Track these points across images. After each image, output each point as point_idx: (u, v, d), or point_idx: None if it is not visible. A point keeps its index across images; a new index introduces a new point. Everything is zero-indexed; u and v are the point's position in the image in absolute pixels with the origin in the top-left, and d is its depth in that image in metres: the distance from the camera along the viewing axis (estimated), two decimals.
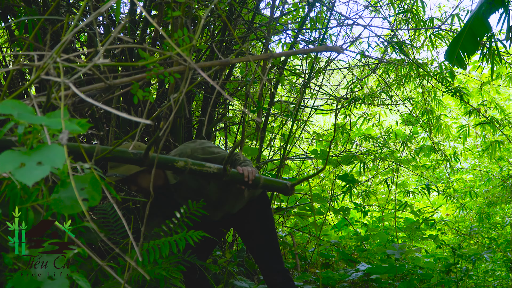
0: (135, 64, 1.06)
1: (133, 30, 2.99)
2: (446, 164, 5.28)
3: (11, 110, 0.80)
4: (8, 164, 0.76)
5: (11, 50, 3.29)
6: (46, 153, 0.79)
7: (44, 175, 0.75)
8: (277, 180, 2.27)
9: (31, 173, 0.76)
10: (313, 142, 5.29)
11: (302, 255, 4.03)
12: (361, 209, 4.35)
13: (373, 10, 4.31)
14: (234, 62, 1.08)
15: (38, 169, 0.76)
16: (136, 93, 1.17)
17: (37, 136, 0.83)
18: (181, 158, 1.83)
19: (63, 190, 0.89)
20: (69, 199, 0.89)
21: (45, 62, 0.83)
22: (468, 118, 4.99)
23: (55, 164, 0.77)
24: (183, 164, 1.80)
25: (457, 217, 6.95)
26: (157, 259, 1.61)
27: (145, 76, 1.12)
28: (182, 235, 1.71)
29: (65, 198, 0.89)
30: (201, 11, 3.54)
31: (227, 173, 1.90)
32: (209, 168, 1.88)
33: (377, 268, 2.96)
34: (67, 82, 0.79)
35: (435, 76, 4.25)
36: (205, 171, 1.87)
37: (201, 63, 1.16)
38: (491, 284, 3.87)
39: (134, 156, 1.65)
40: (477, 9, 2.53)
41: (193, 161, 1.85)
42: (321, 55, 4.11)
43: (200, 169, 1.86)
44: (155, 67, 1.10)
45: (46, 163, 0.77)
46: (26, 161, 0.77)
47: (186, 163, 1.81)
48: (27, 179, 0.75)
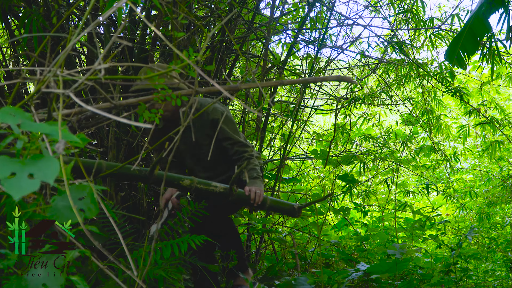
0: (138, 77, 1.07)
1: (133, 30, 2.99)
2: (446, 164, 5.28)
3: (10, 118, 0.77)
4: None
5: (11, 50, 3.29)
6: (40, 165, 0.76)
7: (33, 189, 0.72)
8: (284, 201, 2.27)
9: (20, 185, 0.71)
10: (313, 142, 5.29)
11: (302, 255, 4.02)
12: (361, 209, 4.35)
13: (373, 10, 4.30)
14: (243, 88, 1.08)
15: (28, 182, 0.72)
16: (142, 114, 1.17)
17: (36, 144, 0.81)
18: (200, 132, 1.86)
19: (60, 198, 0.87)
20: (66, 209, 0.87)
21: (45, 76, 0.82)
22: (468, 118, 4.99)
23: (46, 178, 0.73)
24: (188, 182, 1.79)
25: (457, 217, 6.94)
26: (158, 260, 1.61)
27: (152, 97, 1.12)
28: (184, 238, 1.72)
29: (61, 207, 0.87)
30: (201, 11, 3.54)
31: (233, 193, 1.89)
32: (215, 187, 1.87)
33: (379, 265, 2.96)
34: (66, 93, 0.79)
35: (435, 76, 4.25)
36: (211, 190, 1.86)
37: (209, 88, 1.17)
38: (491, 284, 3.87)
39: (140, 173, 1.66)
40: (477, 9, 2.53)
41: (199, 180, 1.84)
42: (321, 55, 4.11)
43: (206, 188, 1.85)
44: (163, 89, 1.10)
45: (37, 177, 0.73)
46: (18, 171, 0.73)
47: (192, 181, 1.80)
48: (15, 191, 0.70)
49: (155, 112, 1.23)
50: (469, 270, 3.23)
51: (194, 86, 1.08)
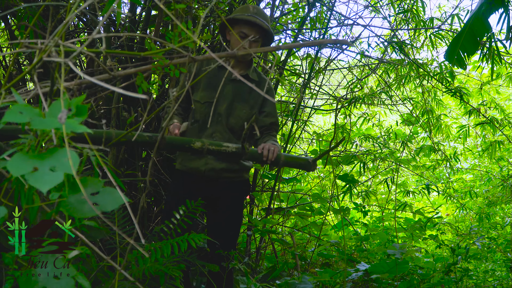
0: (138, 53, 1.06)
1: (133, 30, 2.99)
2: (446, 164, 5.28)
3: (20, 117, 0.78)
4: (20, 168, 0.75)
5: (11, 50, 3.29)
6: (58, 157, 0.77)
7: (58, 181, 0.74)
8: (298, 156, 2.24)
9: (45, 178, 0.74)
10: (313, 142, 5.29)
11: (302, 255, 4.02)
12: (361, 209, 4.35)
13: (373, 10, 4.31)
14: (241, 54, 1.08)
15: (51, 174, 0.74)
16: (141, 84, 1.16)
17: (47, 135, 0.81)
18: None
19: (72, 194, 0.87)
20: (79, 203, 0.87)
21: (46, 45, 0.83)
22: (468, 118, 4.99)
23: (69, 170, 0.75)
24: (200, 145, 1.77)
25: (457, 217, 6.94)
26: (159, 258, 1.61)
27: (151, 67, 1.12)
28: (184, 237, 1.72)
29: (74, 201, 0.87)
30: (201, 11, 3.54)
31: (246, 151, 1.86)
32: (227, 147, 1.85)
33: (379, 265, 2.96)
34: (67, 62, 0.79)
35: (435, 76, 4.25)
36: (223, 150, 1.83)
37: (206, 55, 1.16)
38: (491, 284, 3.87)
39: (150, 139, 1.64)
40: (477, 9, 2.53)
41: (210, 141, 1.82)
42: (321, 55, 4.11)
43: (218, 149, 1.83)
44: (160, 59, 1.10)
45: (60, 169, 0.75)
46: (39, 165, 0.75)
47: (203, 143, 1.78)
48: (41, 184, 0.73)
49: (153, 83, 1.23)
50: (469, 270, 3.23)
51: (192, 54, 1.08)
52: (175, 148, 1.77)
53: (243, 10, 2.29)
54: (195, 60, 1.08)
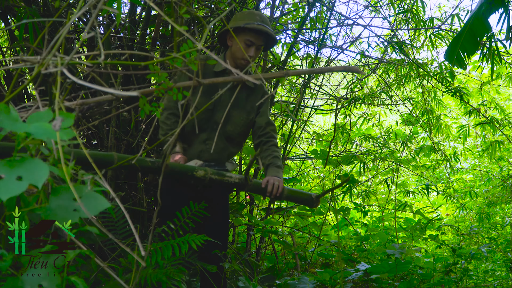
0: (138, 63, 1.06)
1: (133, 30, 2.99)
2: (446, 164, 5.28)
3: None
4: None
5: (11, 50, 3.29)
6: (28, 167, 0.77)
7: (20, 191, 0.74)
8: (301, 191, 2.21)
9: (8, 187, 0.74)
10: (313, 142, 5.29)
11: (302, 255, 4.02)
12: (361, 209, 4.35)
13: (373, 10, 4.30)
14: (247, 79, 1.07)
15: (16, 184, 0.74)
16: (143, 107, 1.16)
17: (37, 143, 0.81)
18: None
19: (54, 198, 0.87)
20: (60, 208, 0.87)
21: (43, 58, 0.83)
22: (468, 118, 4.99)
23: (35, 181, 0.75)
24: (203, 173, 1.76)
25: (457, 217, 6.94)
26: (159, 261, 1.61)
27: (154, 90, 1.12)
28: (184, 238, 1.71)
29: (56, 207, 0.87)
30: (201, 11, 3.54)
31: (249, 183, 1.86)
32: (230, 178, 1.84)
33: (379, 265, 2.96)
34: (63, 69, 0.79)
35: (435, 76, 4.25)
36: (225, 181, 1.83)
37: (212, 79, 1.16)
38: (491, 284, 3.87)
39: (152, 164, 1.64)
40: (477, 9, 2.53)
41: (213, 170, 1.81)
42: (321, 55, 4.11)
43: (221, 179, 1.82)
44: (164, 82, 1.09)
45: (26, 179, 0.75)
46: (6, 173, 0.76)
47: (206, 172, 1.77)
48: (2, 193, 0.73)
49: (155, 106, 1.22)
50: (469, 270, 3.23)
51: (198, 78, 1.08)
52: (177, 175, 1.76)
53: (249, 17, 2.23)
54: (200, 84, 1.08)
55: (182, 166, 1.81)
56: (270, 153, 2.27)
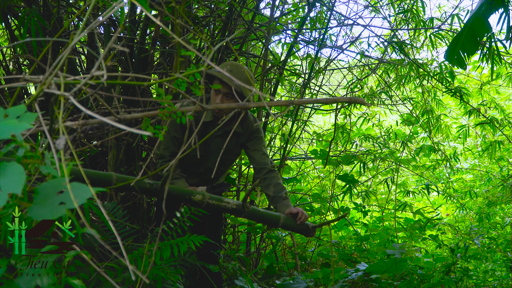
0: (141, 83, 1.06)
1: (133, 30, 2.99)
2: (446, 164, 5.28)
3: None
4: None
5: (11, 50, 3.29)
6: (5, 174, 0.71)
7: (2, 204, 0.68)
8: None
9: None
10: (313, 142, 5.29)
11: (302, 255, 4.02)
12: (361, 209, 4.35)
13: (373, 10, 4.30)
14: (251, 107, 1.08)
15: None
16: (146, 129, 1.16)
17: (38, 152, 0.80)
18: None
19: (37, 196, 0.82)
20: (42, 206, 0.79)
21: (46, 78, 0.83)
22: (468, 118, 4.99)
23: (14, 189, 0.70)
24: (200, 198, 1.77)
25: (457, 217, 6.94)
26: (157, 261, 1.61)
27: (158, 113, 1.12)
28: (183, 238, 1.71)
29: (39, 205, 0.81)
30: (201, 11, 3.54)
31: (246, 210, 1.88)
32: (228, 203, 1.85)
33: (378, 265, 2.96)
34: (67, 95, 0.78)
35: (435, 76, 4.25)
36: (223, 206, 1.84)
37: (216, 105, 1.16)
38: (491, 284, 3.87)
39: (151, 186, 1.65)
40: (477, 9, 2.53)
41: (210, 195, 1.82)
42: (321, 55, 4.11)
43: (218, 204, 1.83)
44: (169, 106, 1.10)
45: (5, 189, 0.70)
46: None
47: (203, 197, 1.78)
48: None
49: (159, 128, 1.21)
50: (469, 270, 3.23)
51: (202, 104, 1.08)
52: (174, 198, 1.77)
53: (221, 66, 2.34)
54: (204, 109, 1.08)
55: (180, 190, 1.82)
56: (277, 182, 2.36)
